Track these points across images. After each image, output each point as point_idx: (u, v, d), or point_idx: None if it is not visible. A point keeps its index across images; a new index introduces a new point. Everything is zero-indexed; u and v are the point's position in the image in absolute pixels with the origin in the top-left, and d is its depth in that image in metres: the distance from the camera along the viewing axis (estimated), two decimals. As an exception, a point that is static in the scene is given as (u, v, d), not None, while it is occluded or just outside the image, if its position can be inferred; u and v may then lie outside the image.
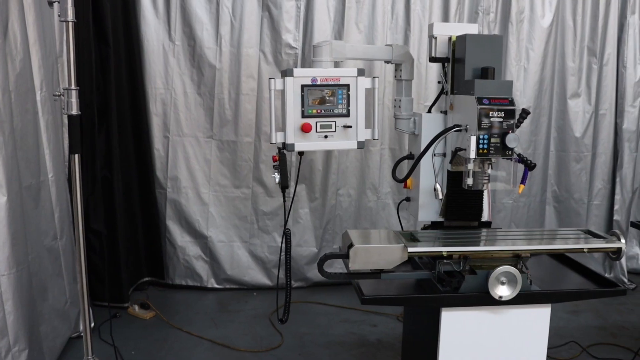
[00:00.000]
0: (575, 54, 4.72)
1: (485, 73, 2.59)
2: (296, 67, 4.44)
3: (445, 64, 2.82)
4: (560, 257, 2.99)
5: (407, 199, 3.06)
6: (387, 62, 3.01)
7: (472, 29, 2.96)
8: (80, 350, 3.10)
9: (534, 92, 4.71)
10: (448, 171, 2.79)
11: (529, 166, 2.69)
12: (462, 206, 2.85)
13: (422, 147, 2.73)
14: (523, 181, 2.81)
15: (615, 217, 4.84)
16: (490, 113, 2.49)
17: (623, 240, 2.58)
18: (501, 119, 2.51)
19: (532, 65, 4.66)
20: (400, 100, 3.05)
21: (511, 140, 2.52)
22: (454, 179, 2.78)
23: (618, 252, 2.58)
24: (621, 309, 4.54)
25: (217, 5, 4.40)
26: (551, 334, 4.01)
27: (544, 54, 4.67)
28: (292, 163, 4.61)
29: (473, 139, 2.50)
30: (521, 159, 2.68)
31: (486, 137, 2.51)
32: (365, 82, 2.69)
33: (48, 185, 3.54)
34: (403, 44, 4.55)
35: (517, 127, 2.73)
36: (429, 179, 2.81)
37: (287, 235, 2.76)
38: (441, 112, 2.94)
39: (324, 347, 3.85)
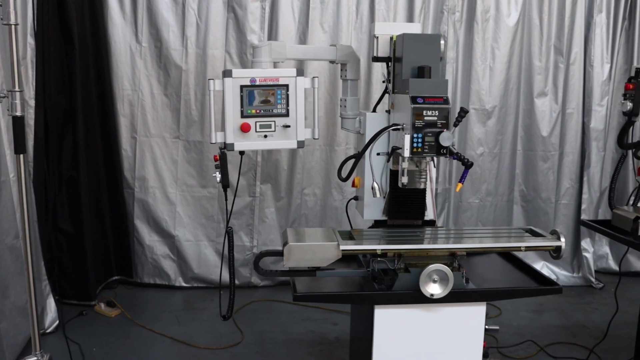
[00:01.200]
0: (542, 53, 4.73)
1: (422, 72, 2.62)
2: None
3: (389, 64, 2.84)
4: (508, 256, 3.00)
5: (355, 198, 3.09)
6: (331, 62, 3.04)
7: (414, 28, 2.99)
8: (43, 348, 3.15)
9: (500, 91, 4.72)
10: (390, 170, 2.81)
11: (466, 165, 2.70)
12: (404, 205, 2.88)
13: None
14: (461, 179, 2.84)
15: (583, 217, 4.84)
16: (425, 112, 2.52)
17: (563, 239, 2.60)
18: (435, 118, 2.53)
19: (498, 65, 4.68)
20: (345, 100, 3.09)
21: (445, 138, 2.53)
22: (396, 178, 2.80)
23: (558, 250, 2.61)
24: (587, 308, 4.54)
25: (183, 7, 4.45)
26: (511, 333, 4.11)
27: (510, 52, 4.68)
28: (257, 163, 4.66)
29: (407, 137, 2.53)
30: (458, 158, 2.70)
31: (420, 136, 2.53)
32: (304, 82, 2.73)
33: (9, 185, 3.60)
34: (367, 44, 4.58)
35: (456, 125, 2.75)
36: (371, 178, 2.84)
37: (229, 233, 2.81)
38: (386, 111, 2.96)
39: (282, 345, 3.88)
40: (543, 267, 5.00)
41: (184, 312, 4.36)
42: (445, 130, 2.55)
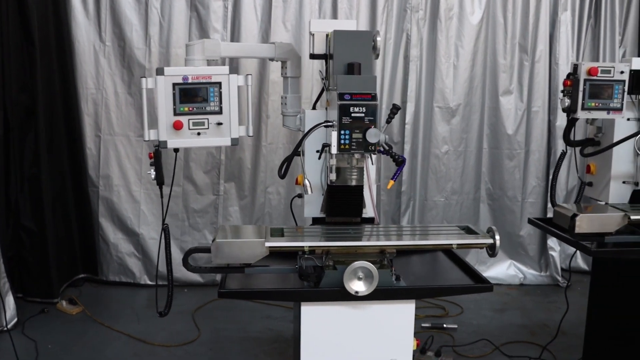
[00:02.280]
0: (507, 51, 4.70)
1: (351, 68, 2.62)
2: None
3: (326, 61, 2.84)
4: (451, 254, 2.99)
5: (299, 196, 3.09)
6: (271, 59, 3.05)
7: (350, 25, 3.00)
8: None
9: (464, 89, 4.71)
10: (327, 167, 2.81)
11: (397, 161, 2.70)
12: (341, 202, 2.88)
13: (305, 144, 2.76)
14: (393, 177, 2.83)
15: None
16: (352, 108, 2.51)
17: (497, 237, 2.59)
18: (363, 114, 2.53)
19: (462, 63, 4.66)
20: (286, 98, 3.09)
21: (371, 135, 2.53)
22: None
23: (492, 248, 2.60)
24: (550, 307, 4.51)
25: (146, 6, 4.48)
26: (469, 332, 4.09)
27: (474, 51, 4.67)
28: (221, 161, 4.67)
29: (334, 134, 2.53)
30: (389, 154, 2.70)
31: (347, 132, 2.52)
32: (237, 80, 2.73)
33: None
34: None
35: (388, 122, 2.75)
36: (314, 176, 2.85)
37: (165, 230, 2.83)
38: (325, 108, 2.96)
39: (237, 343, 3.89)
40: (510, 265, 4.98)
41: (146, 309, 4.37)
42: (373, 126, 2.55)
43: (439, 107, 4.70)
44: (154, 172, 2.76)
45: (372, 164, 2.88)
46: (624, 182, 3.18)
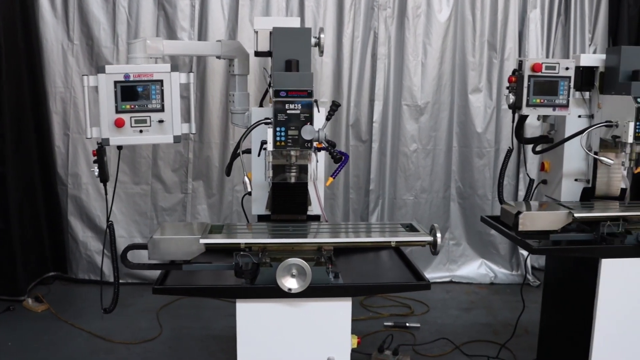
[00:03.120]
0: (475, 49, 4.68)
1: (289, 65, 2.61)
2: (191, 65, 4.52)
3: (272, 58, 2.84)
4: (399, 252, 2.98)
5: (249, 193, 3.09)
6: (218, 57, 3.05)
7: (293, 22, 3.00)
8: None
9: (432, 87, 4.69)
10: (272, 165, 2.81)
11: (334, 159, 2.70)
12: (286, 200, 2.88)
13: (253, 142, 2.76)
14: (333, 174, 2.83)
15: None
16: (287, 105, 2.52)
17: (439, 235, 2.57)
18: (298, 111, 2.53)
19: (430, 61, 4.64)
20: (234, 95, 3.10)
21: (306, 132, 2.53)
22: (276, 173, 2.80)
23: (434, 246, 2.58)
24: (517, 306, 4.41)
25: (114, 5, 4.49)
26: (432, 331, 4.08)
27: (442, 48, 4.65)
28: (189, 160, 4.68)
29: (269, 131, 2.53)
30: (328, 151, 2.69)
31: (283, 129, 2.52)
32: (180, 78, 2.74)
33: None
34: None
35: (328, 119, 2.75)
36: (262, 173, 2.85)
37: (110, 227, 2.84)
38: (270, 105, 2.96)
39: (198, 341, 3.90)
40: (481, 265, 4.95)
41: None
42: (309, 123, 2.54)
43: (407, 105, 4.68)
44: (97, 170, 2.76)
45: (317, 161, 2.89)
46: (576, 180, 3.17)
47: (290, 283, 2.44)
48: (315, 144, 2.64)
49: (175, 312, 4.31)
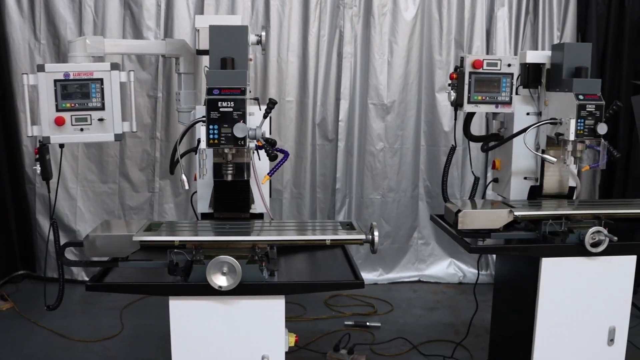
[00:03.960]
0: (442, 47, 4.66)
1: (224, 63, 2.61)
2: (151, 64, 4.53)
3: None
4: (344, 250, 2.97)
5: (195, 192, 3.09)
6: (162, 56, 3.06)
7: (234, 20, 3.00)
8: None
9: (399, 86, 4.67)
10: (214, 163, 2.81)
11: (270, 156, 2.68)
12: (228, 198, 2.88)
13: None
14: (270, 172, 2.82)
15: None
16: (220, 103, 2.51)
17: (376, 233, 2.55)
18: (231, 109, 2.52)
19: (396, 59, 4.63)
20: (180, 94, 3.10)
21: (239, 129, 2.52)
22: (217, 171, 2.80)
23: (371, 244, 2.57)
24: (483, 306, 4.42)
25: (80, 4, 4.51)
26: (393, 330, 4.06)
27: (409, 47, 4.63)
28: (156, 159, 4.68)
29: (202, 129, 2.53)
30: (264, 149, 2.68)
31: (216, 127, 2.52)
32: (120, 76, 2.75)
33: None
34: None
35: (265, 117, 2.74)
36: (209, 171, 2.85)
37: (53, 226, 2.85)
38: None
39: (158, 339, 3.89)
40: (450, 264, 4.93)
41: (77, 305, 4.41)
42: (242, 121, 2.54)
43: (373, 104, 4.67)
44: (40, 168, 2.77)
45: (259, 159, 2.88)
46: (525, 178, 3.14)
47: (220, 280, 2.44)
48: (255, 142, 2.64)
49: (140, 311, 4.32)
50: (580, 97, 2.72)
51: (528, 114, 3.06)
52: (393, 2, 4.57)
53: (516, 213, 2.71)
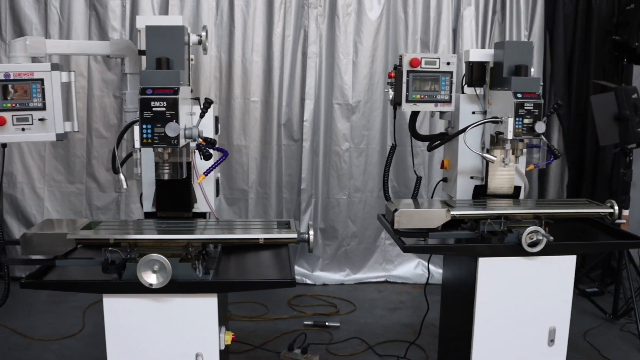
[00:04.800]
0: (408, 47, 4.65)
1: (159, 63, 2.63)
2: (117, 65, 4.54)
3: None
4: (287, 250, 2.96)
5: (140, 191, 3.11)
6: (108, 56, 3.07)
7: (175, 20, 3.00)
8: None
9: (364, 86, 4.67)
10: (155, 162, 2.82)
11: (204, 156, 2.69)
12: (170, 197, 2.90)
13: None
14: (206, 172, 2.82)
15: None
16: (153, 103, 2.52)
17: (312, 232, 2.57)
18: (164, 109, 2.53)
19: (361, 59, 4.62)
20: (125, 94, 3.11)
21: (170, 129, 2.53)
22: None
23: (307, 242, 2.59)
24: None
25: (45, 5, 4.54)
26: (352, 330, 4.06)
27: (374, 47, 4.62)
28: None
29: (136, 128, 2.55)
30: (199, 148, 2.69)
31: (149, 126, 2.53)
32: (61, 76, 2.76)
33: None
34: (228, 40, 4.59)
35: (202, 116, 2.75)
36: (149, 171, 2.87)
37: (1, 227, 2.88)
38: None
39: (116, 338, 3.92)
40: (418, 264, 4.92)
41: (42, 305, 4.44)
42: (174, 121, 2.55)
43: (338, 104, 4.67)
44: (-22, 167, 2.79)
45: (201, 158, 2.89)
46: (471, 178, 3.13)
47: (151, 278, 2.44)
48: (198, 141, 2.65)
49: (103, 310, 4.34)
50: (519, 95, 2.70)
51: (474, 112, 3.05)
52: (358, 2, 4.57)
53: (452, 212, 2.71)
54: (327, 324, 4.05)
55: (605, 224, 2.99)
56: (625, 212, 4.10)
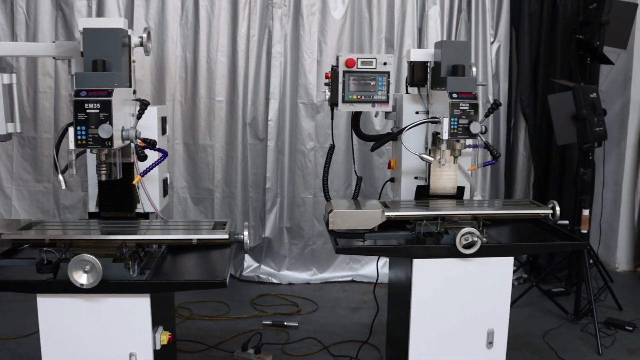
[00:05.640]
0: (373, 46, 4.64)
1: (95, 65, 2.65)
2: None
3: None
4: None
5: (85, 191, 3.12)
6: (54, 58, 3.09)
7: (119, 22, 3.01)
8: None
9: (329, 85, 4.66)
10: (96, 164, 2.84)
11: (139, 157, 2.71)
12: (112, 198, 2.92)
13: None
14: (142, 172, 2.83)
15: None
16: (87, 105, 2.53)
17: (246, 233, 2.60)
18: (98, 110, 2.55)
19: (325, 58, 4.63)
20: (72, 95, 3.13)
21: (103, 131, 2.54)
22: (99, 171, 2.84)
23: (242, 243, 2.61)
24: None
25: (12, 6, 4.57)
26: (310, 330, 4.07)
27: (338, 46, 4.62)
28: (88, 158, 4.73)
29: (71, 130, 2.57)
30: (136, 150, 2.71)
31: (84, 128, 2.55)
32: (2, 78, 2.78)
33: None
34: (193, 40, 4.60)
35: (139, 118, 2.77)
36: (93, 171, 2.89)
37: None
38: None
39: (75, 337, 3.95)
40: (386, 264, 4.87)
41: (9, 304, 4.48)
42: (107, 122, 2.57)
43: (303, 103, 4.67)
44: None
45: (140, 160, 2.90)
46: (416, 178, 3.12)
47: (82, 278, 2.46)
48: (138, 141, 2.68)
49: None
50: (454, 95, 2.69)
51: (417, 112, 3.04)
52: (322, 1, 4.57)
53: (387, 213, 2.70)
54: (285, 323, 4.06)
55: (552, 225, 2.98)
56: (585, 212, 4.09)
